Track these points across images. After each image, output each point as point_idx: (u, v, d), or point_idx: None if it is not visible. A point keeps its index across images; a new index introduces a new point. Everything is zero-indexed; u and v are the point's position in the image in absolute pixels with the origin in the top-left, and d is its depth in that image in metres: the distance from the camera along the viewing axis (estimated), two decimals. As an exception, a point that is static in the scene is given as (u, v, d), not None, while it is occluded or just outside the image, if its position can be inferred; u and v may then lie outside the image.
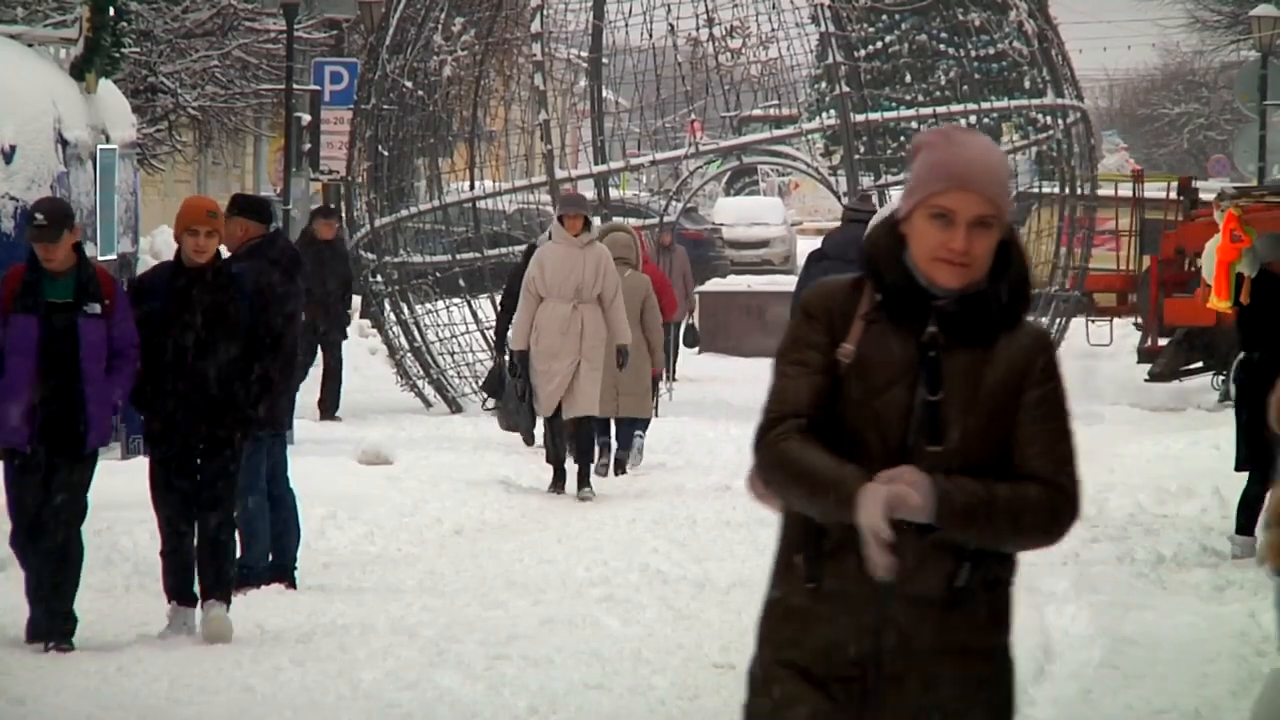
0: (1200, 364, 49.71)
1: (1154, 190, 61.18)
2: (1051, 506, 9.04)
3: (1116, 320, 54.25)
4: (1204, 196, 53.42)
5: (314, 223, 44.36)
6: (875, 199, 44.38)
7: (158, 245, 53.16)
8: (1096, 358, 53.50)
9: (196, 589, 21.02)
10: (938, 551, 8.94)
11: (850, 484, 8.90)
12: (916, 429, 9.03)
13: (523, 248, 41.10)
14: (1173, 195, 53.82)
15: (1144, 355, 51.44)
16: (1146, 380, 49.59)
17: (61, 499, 20.33)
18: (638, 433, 37.46)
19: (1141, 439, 40.25)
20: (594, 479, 33.69)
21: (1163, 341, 49.00)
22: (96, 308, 20.23)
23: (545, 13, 48.73)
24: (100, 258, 29.54)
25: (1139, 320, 51.80)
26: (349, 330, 44.45)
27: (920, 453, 9.01)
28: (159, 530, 20.95)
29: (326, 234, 43.24)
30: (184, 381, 20.73)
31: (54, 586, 20.20)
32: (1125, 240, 53.44)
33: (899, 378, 9.06)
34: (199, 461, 20.89)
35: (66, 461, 20.34)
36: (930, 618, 8.93)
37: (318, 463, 30.07)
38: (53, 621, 20.06)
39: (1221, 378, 46.10)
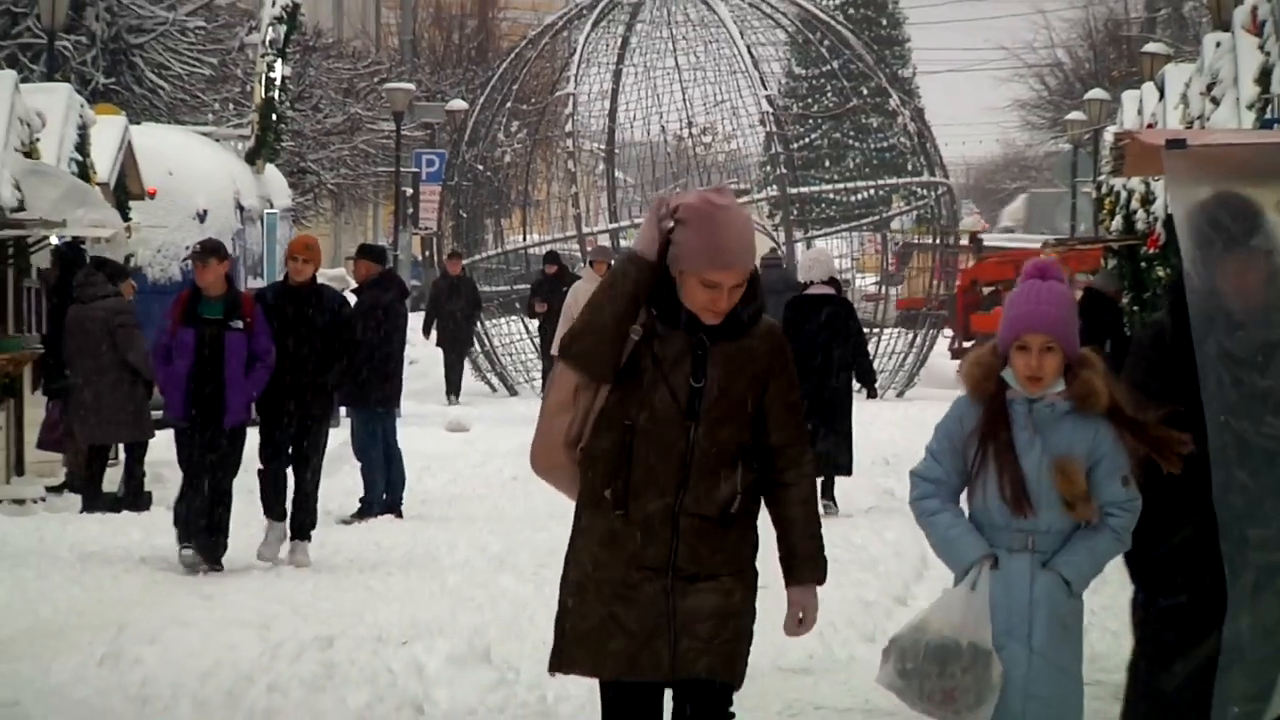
0: None
1: (991, 240, 60.70)
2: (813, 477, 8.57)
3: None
4: (989, 244, 53.36)
5: (448, 261, 44.32)
6: (783, 250, 43.82)
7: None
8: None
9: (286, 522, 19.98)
10: (719, 489, 8.20)
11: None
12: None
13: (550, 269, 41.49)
14: (964, 243, 53.19)
15: (955, 354, 50.48)
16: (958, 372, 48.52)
17: (212, 459, 19.27)
18: None
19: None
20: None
21: (968, 344, 48.16)
22: (240, 324, 19.20)
23: (575, 118, 48.39)
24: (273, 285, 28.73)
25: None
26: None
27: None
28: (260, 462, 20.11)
29: (455, 270, 43.23)
30: (292, 370, 19.70)
31: (209, 523, 19.28)
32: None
33: (679, 364, 8.25)
34: (295, 429, 19.99)
35: (213, 434, 19.28)
36: (710, 532, 8.20)
37: (418, 430, 30.02)
38: (208, 550, 19.24)
39: None
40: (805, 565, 8.23)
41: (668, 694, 8.42)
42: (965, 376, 8.56)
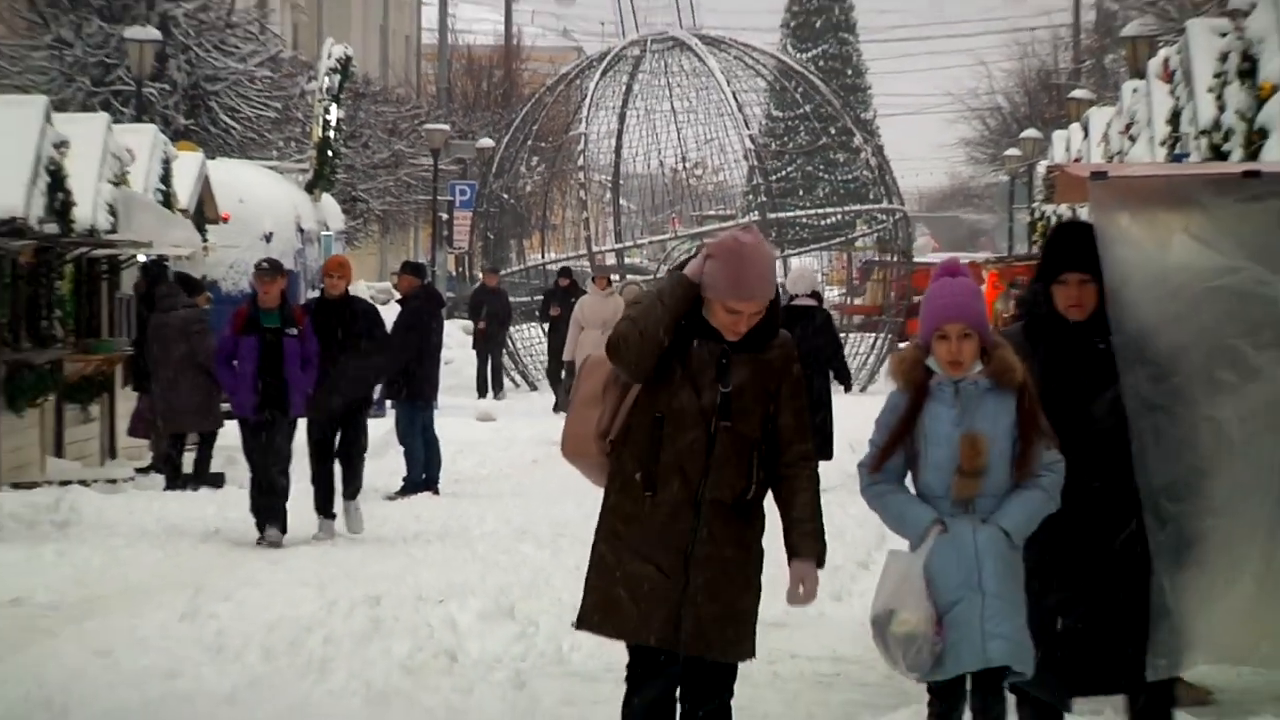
0: None
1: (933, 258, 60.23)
2: (815, 473, 8.42)
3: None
4: (919, 259, 52.29)
5: (486, 275, 44.14)
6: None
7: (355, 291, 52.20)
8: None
9: (337, 506, 19.85)
10: (735, 477, 8.16)
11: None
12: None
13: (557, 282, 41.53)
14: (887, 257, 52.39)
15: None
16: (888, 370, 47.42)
17: (276, 448, 19.23)
18: None
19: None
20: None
21: (903, 345, 47.37)
22: (294, 331, 19.16)
23: (585, 154, 48.38)
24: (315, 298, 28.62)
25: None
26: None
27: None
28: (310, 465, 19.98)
29: (492, 282, 42.96)
30: (332, 371, 19.58)
31: (271, 503, 19.17)
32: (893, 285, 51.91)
33: (705, 370, 8.24)
34: (339, 424, 19.89)
35: (277, 425, 19.25)
36: (726, 516, 8.13)
37: (452, 420, 29.41)
38: (271, 523, 19.08)
39: None
40: (806, 544, 8.11)
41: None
42: (894, 372, 8.48)
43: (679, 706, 8.32)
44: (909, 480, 8.56)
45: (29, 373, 23.82)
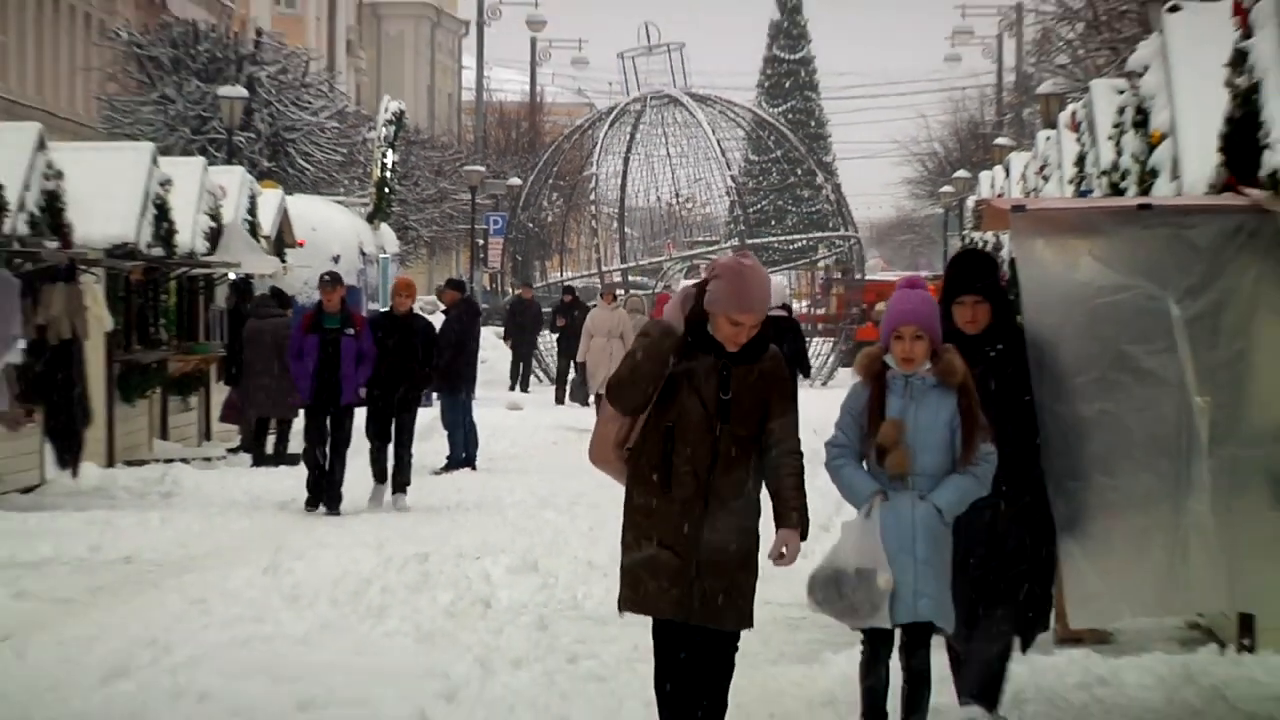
0: None
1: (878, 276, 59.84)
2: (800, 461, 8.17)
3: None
4: (870, 277, 51.76)
5: (522, 289, 43.94)
6: None
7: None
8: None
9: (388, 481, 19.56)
10: (737, 472, 7.97)
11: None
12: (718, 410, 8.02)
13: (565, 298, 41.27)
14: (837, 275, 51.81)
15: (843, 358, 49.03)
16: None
17: (335, 434, 18.97)
18: None
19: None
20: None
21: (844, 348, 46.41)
22: (351, 332, 19.01)
23: (596, 190, 48.44)
24: (380, 309, 28.44)
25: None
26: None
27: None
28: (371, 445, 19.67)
29: (527, 295, 42.71)
30: (393, 372, 19.33)
31: (331, 480, 18.99)
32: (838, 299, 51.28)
33: (709, 381, 7.97)
34: (395, 414, 19.52)
35: (332, 412, 19.03)
36: (730, 507, 7.93)
37: (487, 409, 28.54)
38: (332, 502, 18.98)
39: None
40: (790, 515, 7.92)
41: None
42: (857, 367, 8.37)
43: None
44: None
45: (139, 370, 23.81)
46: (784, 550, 7.93)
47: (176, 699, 9.98)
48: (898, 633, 8.35)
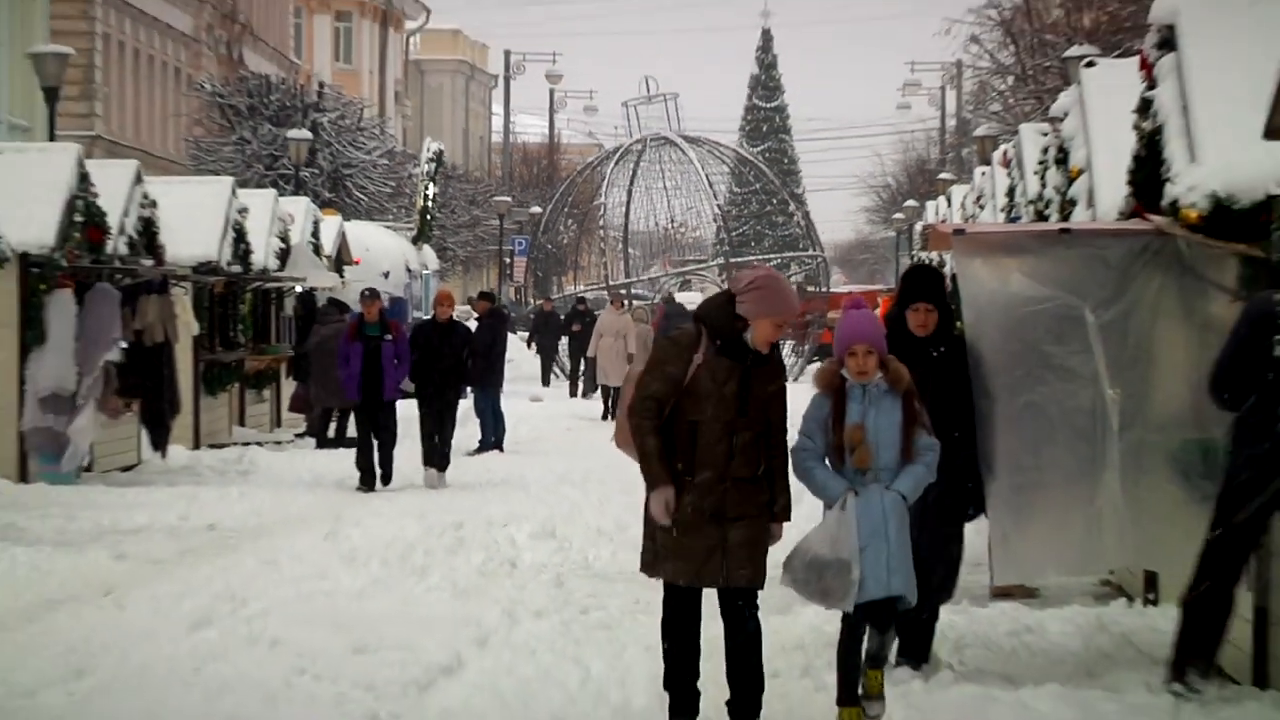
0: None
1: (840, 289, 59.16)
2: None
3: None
4: (834, 289, 50.67)
5: (544, 301, 43.40)
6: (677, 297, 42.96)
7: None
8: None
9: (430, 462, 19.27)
10: (750, 457, 7.66)
11: (658, 476, 7.73)
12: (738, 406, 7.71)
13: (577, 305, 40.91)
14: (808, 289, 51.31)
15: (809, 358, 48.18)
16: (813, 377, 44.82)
17: (381, 425, 18.72)
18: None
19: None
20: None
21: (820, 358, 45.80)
22: (390, 338, 18.72)
23: (604, 216, 48.47)
24: (424, 318, 28.49)
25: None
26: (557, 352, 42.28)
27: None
28: (420, 431, 19.51)
29: (548, 307, 41.98)
30: (435, 370, 19.15)
31: (381, 463, 18.79)
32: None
33: (725, 383, 7.65)
34: (439, 407, 19.27)
35: (375, 406, 18.76)
36: (745, 490, 7.66)
37: (513, 401, 28.71)
38: (384, 476, 18.80)
39: None
40: (784, 509, 7.77)
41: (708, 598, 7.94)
42: (817, 380, 8.05)
43: (700, 632, 7.96)
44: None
45: (220, 368, 23.83)
46: (778, 534, 7.79)
47: (251, 645, 10.00)
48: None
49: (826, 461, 8.08)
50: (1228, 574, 8.45)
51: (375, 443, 18.79)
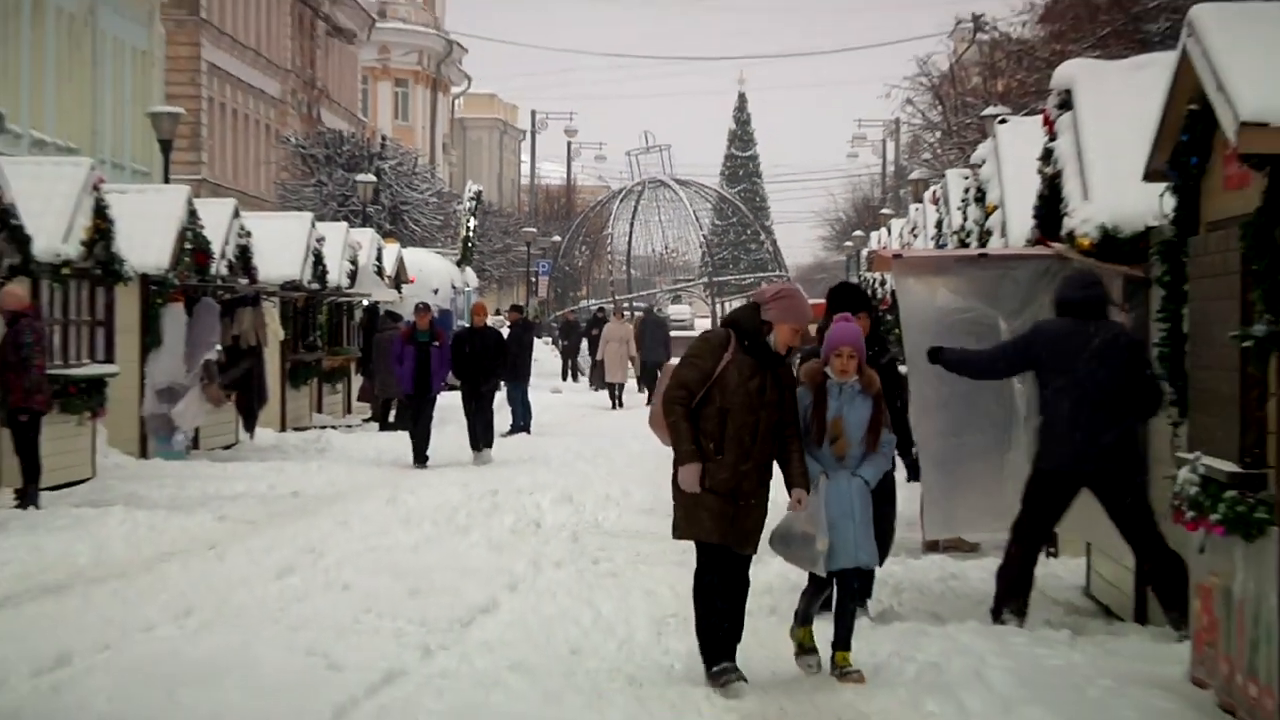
0: None
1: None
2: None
3: None
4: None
5: (566, 313, 43.76)
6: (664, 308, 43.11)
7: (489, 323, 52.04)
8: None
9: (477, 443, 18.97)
10: (767, 442, 7.31)
11: (686, 451, 7.29)
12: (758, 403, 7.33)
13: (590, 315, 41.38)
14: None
15: None
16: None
17: (423, 417, 18.15)
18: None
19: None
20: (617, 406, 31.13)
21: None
22: (436, 343, 18.35)
23: (611, 243, 48.34)
24: (465, 325, 28.27)
25: None
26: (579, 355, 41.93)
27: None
28: (466, 418, 18.99)
29: (571, 318, 42.32)
30: (473, 364, 18.69)
31: (420, 444, 18.33)
32: None
33: (749, 379, 7.28)
34: (478, 395, 18.78)
35: (423, 399, 18.26)
36: (759, 472, 7.32)
37: (538, 392, 27.96)
38: (420, 457, 18.26)
39: None
40: (799, 478, 7.38)
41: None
42: (803, 376, 7.62)
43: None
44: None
45: (302, 366, 23.78)
46: (800, 501, 7.45)
47: (326, 589, 9.96)
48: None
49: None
50: (1031, 544, 8.50)
51: (423, 429, 18.44)
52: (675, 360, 7.82)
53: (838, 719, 6.97)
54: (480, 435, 19.02)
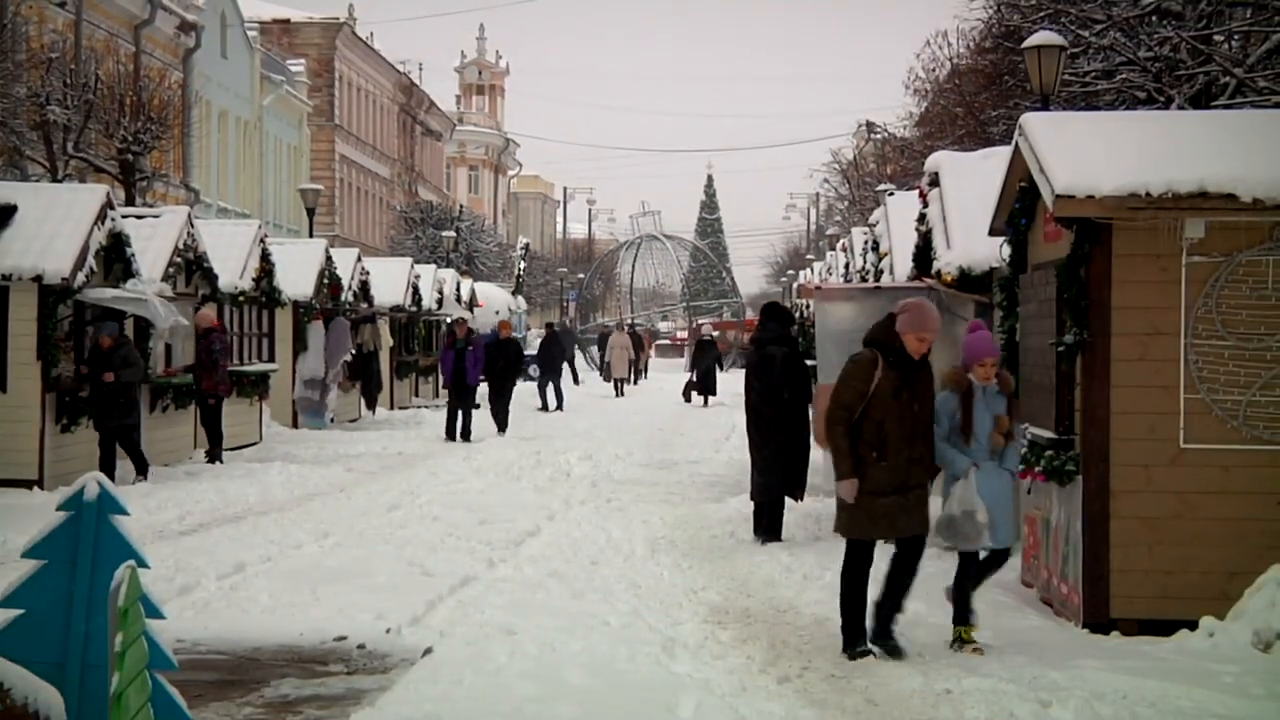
0: None
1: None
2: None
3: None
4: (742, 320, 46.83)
5: (598, 324, 42.09)
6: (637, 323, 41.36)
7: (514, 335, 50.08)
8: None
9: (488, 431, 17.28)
10: (923, 442, 5.86)
11: (845, 469, 5.81)
12: (908, 410, 5.82)
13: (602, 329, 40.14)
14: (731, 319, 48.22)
15: (735, 361, 40.54)
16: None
17: (465, 405, 16.57)
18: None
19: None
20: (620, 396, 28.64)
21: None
22: (471, 349, 16.80)
23: (618, 281, 47.90)
24: (493, 338, 27.68)
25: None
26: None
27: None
28: (491, 407, 17.61)
29: (605, 331, 39.64)
30: (497, 367, 17.39)
31: (464, 425, 16.54)
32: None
33: (898, 389, 5.81)
34: (498, 391, 17.46)
35: (463, 391, 16.63)
36: (920, 465, 5.80)
37: (566, 385, 27.24)
38: (466, 433, 16.54)
39: None
40: (935, 468, 5.97)
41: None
42: (949, 381, 6.03)
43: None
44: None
45: (406, 365, 23.42)
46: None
47: (421, 520, 9.81)
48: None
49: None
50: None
51: (460, 412, 16.82)
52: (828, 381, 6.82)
53: (790, 605, 6.72)
54: (500, 420, 17.84)
